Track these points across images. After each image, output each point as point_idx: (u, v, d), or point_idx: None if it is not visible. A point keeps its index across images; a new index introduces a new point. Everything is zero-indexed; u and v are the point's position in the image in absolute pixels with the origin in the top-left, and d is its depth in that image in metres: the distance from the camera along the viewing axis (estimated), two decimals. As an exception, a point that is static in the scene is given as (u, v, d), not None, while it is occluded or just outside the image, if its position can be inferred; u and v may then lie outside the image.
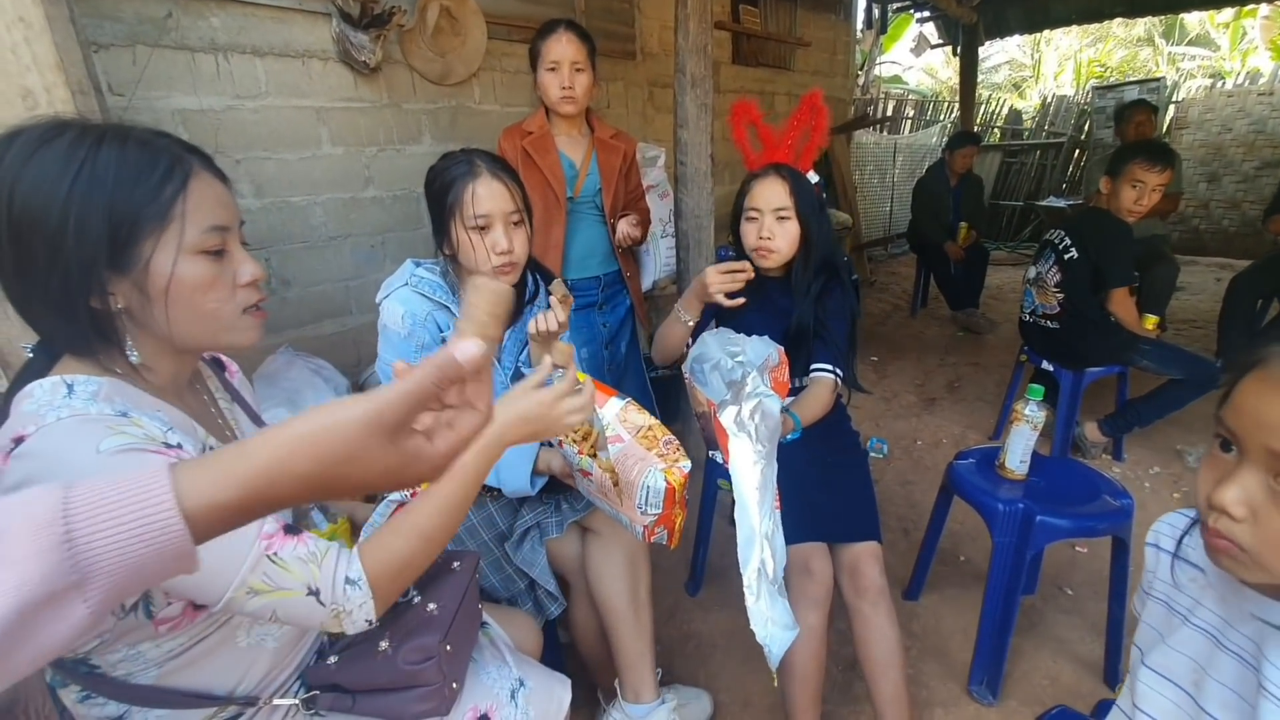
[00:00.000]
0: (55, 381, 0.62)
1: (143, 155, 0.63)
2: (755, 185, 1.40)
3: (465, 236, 1.12)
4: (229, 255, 0.70)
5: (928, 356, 3.73)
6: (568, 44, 1.73)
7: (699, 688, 1.49)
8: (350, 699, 0.81)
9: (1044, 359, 2.45)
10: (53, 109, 1.31)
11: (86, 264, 0.61)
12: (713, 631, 1.73)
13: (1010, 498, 1.43)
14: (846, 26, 5.33)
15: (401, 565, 0.72)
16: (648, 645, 1.24)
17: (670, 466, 0.99)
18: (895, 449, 2.67)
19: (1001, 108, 7.60)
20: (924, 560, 1.79)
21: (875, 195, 5.96)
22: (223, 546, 0.62)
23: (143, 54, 1.66)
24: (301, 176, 2.04)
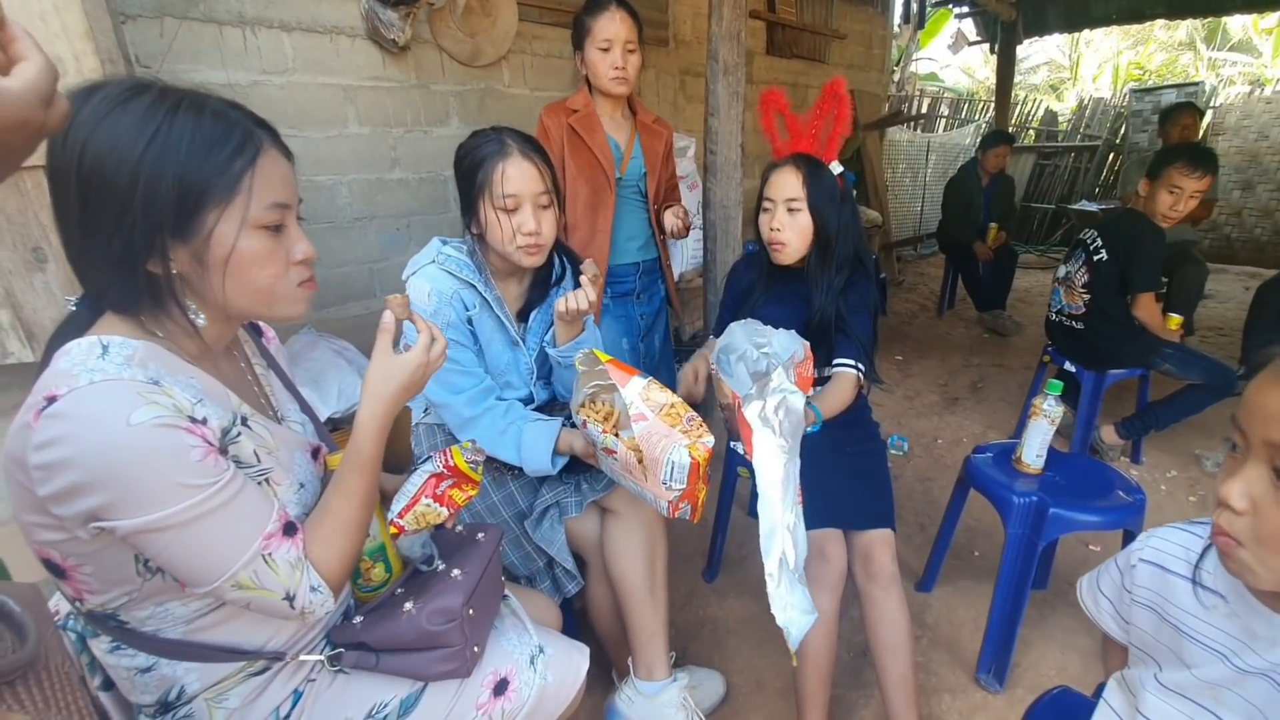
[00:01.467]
0: (92, 341, 0.61)
1: (217, 126, 0.63)
2: (772, 175, 1.37)
3: (493, 216, 1.10)
4: (286, 231, 0.70)
5: (952, 356, 3.68)
6: (621, 22, 1.62)
7: (713, 669, 1.51)
8: (374, 657, 0.82)
9: (1067, 359, 2.44)
10: (81, 78, 1.28)
11: (151, 228, 0.61)
12: (728, 617, 1.74)
13: (1025, 490, 1.44)
14: (884, 20, 5.17)
15: (347, 558, 0.75)
16: (662, 625, 1.24)
17: (694, 442, 0.98)
18: (916, 447, 2.66)
19: (1037, 109, 7.31)
20: (938, 552, 1.78)
21: (906, 194, 5.83)
22: (227, 537, 0.63)
23: (170, 26, 1.63)
24: (328, 156, 2.00)
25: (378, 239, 2.19)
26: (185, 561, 0.62)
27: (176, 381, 0.63)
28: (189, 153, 0.61)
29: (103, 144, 0.59)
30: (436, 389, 1.15)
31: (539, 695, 0.89)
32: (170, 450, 0.59)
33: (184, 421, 0.61)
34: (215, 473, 0.62)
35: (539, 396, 1.28)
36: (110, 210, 0.60)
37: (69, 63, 1.28)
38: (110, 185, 0.59)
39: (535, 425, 1.17)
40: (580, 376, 1.08)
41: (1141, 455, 2.49)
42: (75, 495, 0.57)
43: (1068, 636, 1.63)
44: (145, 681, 0.72)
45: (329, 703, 0.80)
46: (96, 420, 0.56)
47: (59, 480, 0.56)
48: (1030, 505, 1.42)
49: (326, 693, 0.81)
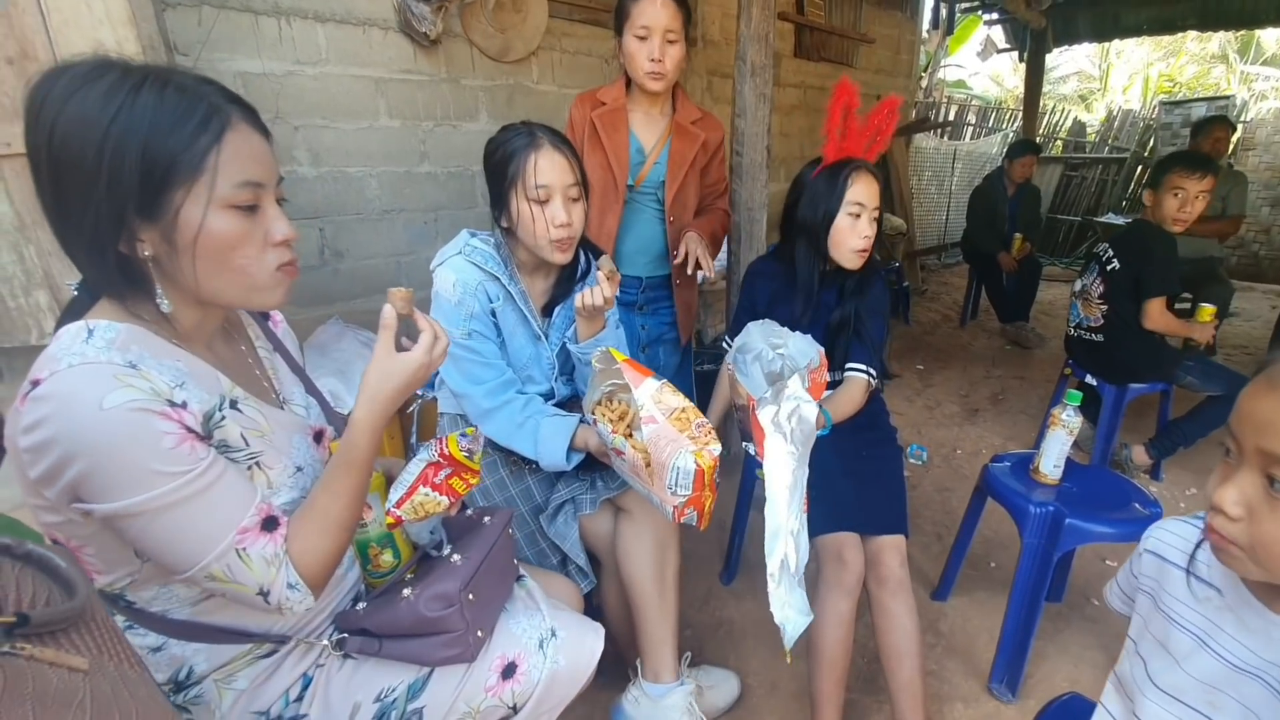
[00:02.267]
0: (79, 326, 0.61)
1: (181, 101, 0.60)
2: (859, 179, 1.30)
3: (525, 208, 1.09)
4: (262, 212, 0.66)
5: (974, 367, 3.62)
6: (662, 8, 1.41)
7: (728, 669, 1.49)
8: (377, 643, 0.81)
9: (1088, 372, 2.40)
10: (121, 63, 1.27)
11: (117, 207, 0.59)
12: (744, 619, 1.73)
13: (1042, 500, 1.43)
14: (912, 25, 5.09)
15: (329, 559, 0.72)
16: (671, 627, 1.22)
17: (701, 449, 0.96)
18: (935, 457, 2.62)
19: (1065, 119, 7.13)
20: (954, 561, 1.76)
21: (932, 202, 5.74)
22: (198, 528, 0.62)
23: (209, 14, 1.64)
24: (358, 147, 2.00)
25: (405, 232, 2.19)
26: (160, 548, 0.62)
27: (159, 365, 0.62)
28: (151, 128, 0.58)
29: (69, 122, 0.57)
30: (458, 378, 1.14)
31: (549, 678, 0.87)
32: (143, 435, 0.58)
33: (160, 405, 0.59)
34: (190, 460, 0.61)
35: (560, 392, 1.27)
36: (78, 189, 0.58)
37: (111, 48, 1.27)
38: (77, 163, 0.58)
39: (552, 420, 1.15)
40: (596, 374, 1.07)
41: (1161, 472, 2.45)
42: (57, 476, 0.57)
43: (1082, 650, 1.60)
44: (156, 660, 0.72)
45: (338, 688, 0.80)
46: (72, 403, 0.56)
47: (44, 462, 0.57)
48: (1046, 515, 1.40)
49: (336, 677, 0.80)
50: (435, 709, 0.82)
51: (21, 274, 1.39)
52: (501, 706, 0.85)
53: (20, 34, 1.23)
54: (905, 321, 4.26)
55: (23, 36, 1.24)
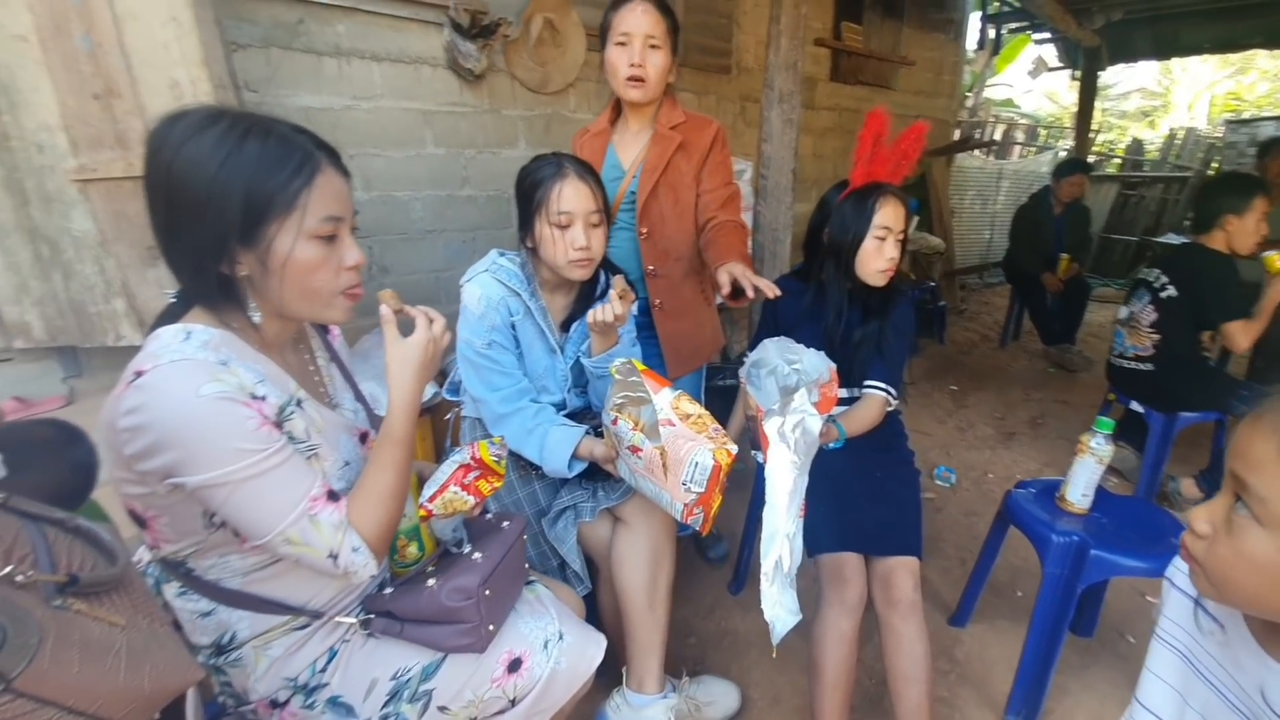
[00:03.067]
0: (179, 328, 0.71)
1: (280, 149, 0.70)
2: (886, 204, 1.32)
3: (548, 232, 1.15)
4: (339, 241, 0.76)
5: (1011, 390, 3.48)
6: (643, 14, 1.32)
7: (730, 681, 1.48)
8: (399, 626, 0.87)
9: (1133, 400, 2.29)
10: (195, 98, 1.43)
11: (220, 236, 0.69)
12: (750, 630, 1.70)
13: (1066, 529, 1.37)
14: (956, 47, 4.99)
15: (385, 525, 0.80)
16: (659, 638, 1.23)
17: (719, 447, 1.00)
18: (964, 480, 2.52)
19: (1122, 137, 6.76)
20: (973, 587, 1.70)
21: (975, 221, 5.59)
22: (276, 497, 0.70)
23: (276, 55, 1.79)
24: (405, 173, 2.12)
25: (445, 250, 2.31)
26: (243, 516, 0.70)
27: (243, 365, 0.72)
28: (254, 172, 0.68)
29: (185, 163, 0.67)
30: (477, 384, 1.21)
31: (549, 678, 0.92)
32: (230, 418, 0.67)
33: (244, 397, 0.69)
34: (267, 441, 0.70)
35: (572, 404, 1.31)
36: (188, 219, 0.68)
37: (185, 86, 1.43)
38: (188, 197, 0.67)
39: (560, 429, 1.20)
40: (615, 384, 1.11)
41: (1208, 507, 2.28)
42: (152, 454, 0.65)
43: (1110, 688, 1.51)
44: (205, 624, 0.80)
45: (360, 662, 0.86)
46: (171, 391, 0.65)
47: (140, 441, 0.65)
48: (1070, 545, 1.34)
49: (358, 653, 0.87)
50: (444, 692, 0.87)
51: (102, 284, 1.55)
52: (503, 699, 0.90)
53: (106, 73, 1.39)
54: (940, 341, 4.13)
55: (108, 75, 1.40)
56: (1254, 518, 0.50)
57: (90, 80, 1.39)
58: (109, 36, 1.37)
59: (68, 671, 0.48)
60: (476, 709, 0.89)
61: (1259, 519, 0.50)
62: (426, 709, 0.87)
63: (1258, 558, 0.50)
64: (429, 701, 0.87)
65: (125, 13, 1.35)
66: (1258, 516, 0.50)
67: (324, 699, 0.84)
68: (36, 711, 0.46)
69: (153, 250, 1.52)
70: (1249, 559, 0.51)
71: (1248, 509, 0.51)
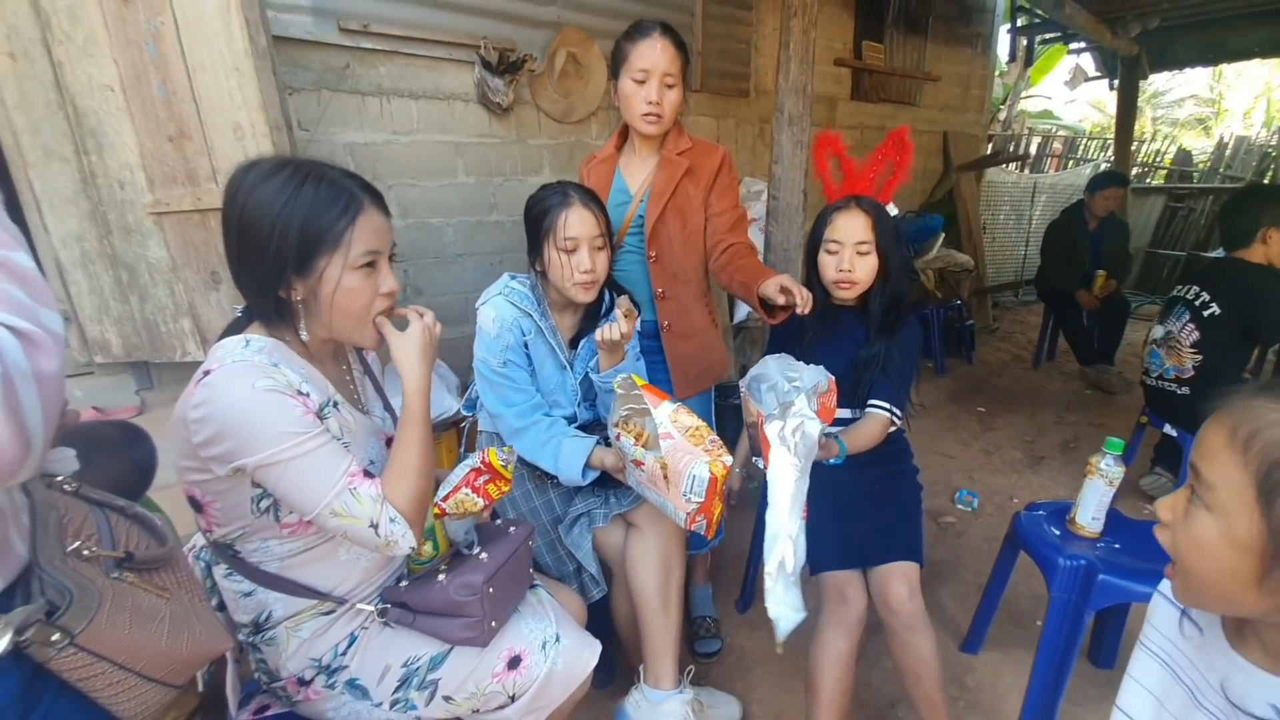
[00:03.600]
0: (239, 338, 0.86)
1: (330, 193, 0.84)
2: (837, 217, 1.36)
3: (556, 256, 1.26)
4: (377, 269, 0.89)
5: (1043, 412, 3.40)
6: (662, 52, 1.35)
7: (732, 695, 1.52)
8: (412, 616, 0.98)
9: (1167, 422, 2.23)
10: (255, 140, 1.61)
11: (280, 266, 0.83)
12: (755, 648, 1.74)
13: (1074, 553, 1.36)
14: (984, 60, 4.99)
15: (415, 497, 0.89)
16: (673, 638, 1.29)
17: (715, 460, 1.07)
18: (988, 504, 2.49)
19: (1168, 147, 6.60)
20: (984, 612, 1.68)
21: (1009, 237, 5.49)
22: (320, 472, 0.83)
23: (325, 97, 1.99)
24: (439, 201, 2.30)
25: (474, 272, 2.47)
26: (294, 491, 0.81)
27: (291, 368, 0.85)
28: (308, 213, 0.82)
29: (254, 205, 0.82)
30: (494, 400, 1.32)
31: (546, 677, 1.00)
32: (280, 407, 0.80)
33: (291, 391, 0.82)
34: (311, 426, 0.82)
35: (582, 416, 1.41)
36: (254, 251, 0.83)
37: (246, 128, 1.62)
38: (255, 233, 0.82)
39: (573, 440, 1.29)
40: (618, 398, 1.20)
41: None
42: (216, 440, 0.78)
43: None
44: (246, 604, 0.93)
45: (376, 648, 0.97)
46: (232, 386, 0.79)
47: (206, 430, 0.78)
48: (1077, 569, 1.33)
49: (375, 640, 0.98)
50: (449, 682, 0.97)
51: (172, 305, 1.75)
52: (502, 694, 0.98)
53: (178, 117, 1.59)
54: (968, 361, 4.09)
55: (180, 119, 1.59)
56: (1204, 505, 0.53)
57: (165, 124, 1.60)
58: (182, 85, 1.57)
59: (120, 632, 0.57)
60: (478, 701, 0.98)
61: (1207, 505, 0.53)
62: (433, 698, 0.96)
63: (1204, 542, 0.53)
64: (435, 691, 0.96)
65: (196, 64, 1.56)
66: (1206, 503, 0.53)
67: (343, 680, 0.95)
68: (93, 665, 0.56)
69: (215, 276, 1.71)
70: (1199, 544, 0.54)
71: (1200, 498, 0.54)
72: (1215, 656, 0.62)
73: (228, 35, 1.51)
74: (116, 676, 0.57)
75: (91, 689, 0.56)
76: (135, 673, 0.59)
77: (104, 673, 0.56)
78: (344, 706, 0.96)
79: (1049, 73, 6.80)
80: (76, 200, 1.65)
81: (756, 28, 3.21)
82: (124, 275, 1.71)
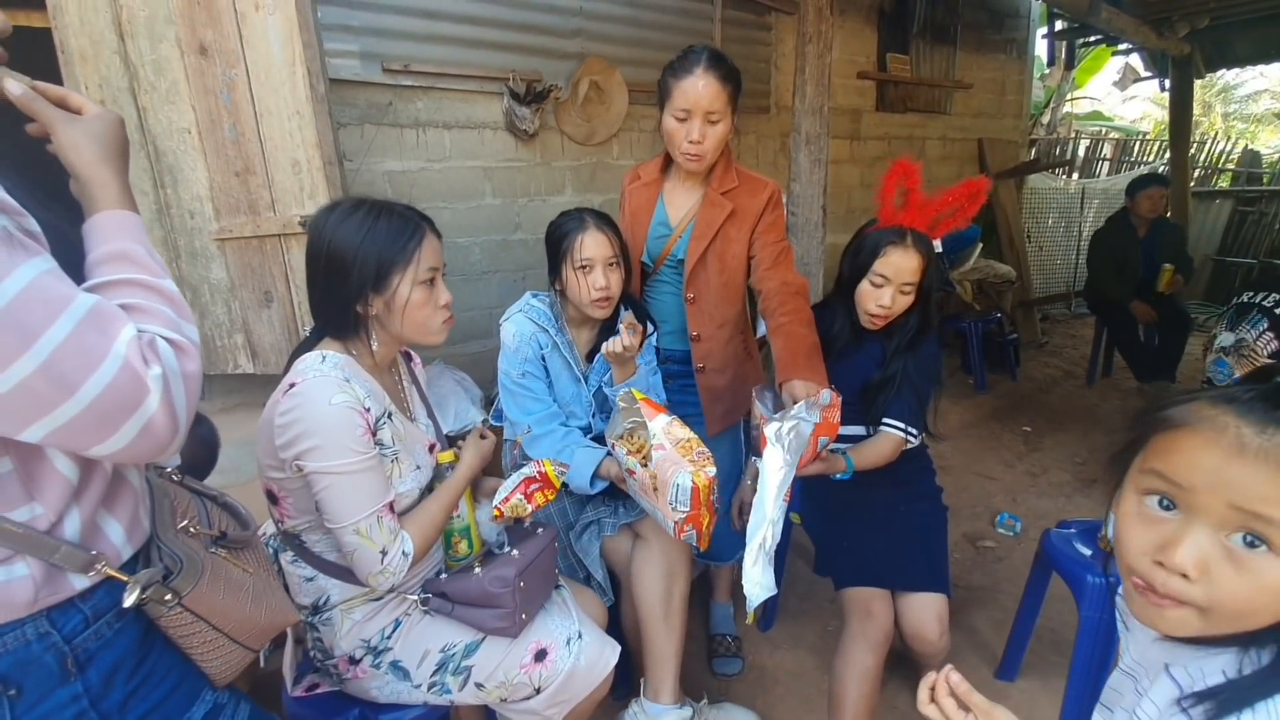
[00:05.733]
0: (316, 354, 1.04)
1: (400, 223, 1.06)
2: (891, 251, 1.39)
3: (573, 276, 1.46)
4: (437, 285, 1.11)
5: (1096, 432, 3.39)
6: (705, 88, 1.38)
7: (751, 711, 1.60)
8: (451, 606, 1.15)
9: None
10: (310, 174, 1.93)
11: (360, 286, 1.04)
12: (778, 667, 1.83)
13: (1103, 570, 1.40)
14: (1020, 65, 5.17)
15: (428, 545, 1.11)
16: (674, 650, 1.40)
17: (698, 470, 1.18)
18: (1032, 529, 2.49)
19: (1233, 147, 6.62)
20: (1018, 637, 1.72)
21: (1057, 246, 5.54)
22: (360, 495, 1.03)
23: (369, 130, 2.32)
24: (467, 222, 2.61)
25: (499, 289, 2.75)
26: (334, 500, 1.00)
27: (358, 382, 1.03)
28: (384, 242, 1.04)
29: (339, 238, 1.03)
30: (514, 409, 1.51)
31: (569, 672, 1.15)
32: (348, 422, 0.99)
33: (359, 406, 1.00)
34: (367, 447, 1.01)
35: (596, 427, 1.58)
36: (339, 277, 1.04)
37: (303, 164, 1.93)
38: (341, 262, 1.03)
39: (584, 450, 1.45)
40: (620, 412, 1.36)
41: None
42: (294, 443, 0.98)
43: None
44: (307, 588, 1.12)
45: (418, 634, 1.15)
46: (313, 398, 0.98)
47: (288, 433, 0.99)
48: (1104, 587, 1.36)
49: (416, 626, 1.16)
50: (481, 670, 1.13)
51: (228, 322, 2.06)
52: (529, 685, 1.13)
53: (245, 156, 1.91)
54: (1012, 377, 4.13)
55: (246, 157, 1.91)
56: (1272, 550, 0.49)
57: (233, 161, 1.93)
58: (250, 127, 1.90)
59: (216, 598, 0.72)
60: (506, 691, 1.12)
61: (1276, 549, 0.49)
62: (466, 683, 1.12)
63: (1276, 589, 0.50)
64: (468, 677, 1.12)
65: (263, 109, 1.89)
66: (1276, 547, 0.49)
67: (388, 661, 1.12)
68: (193, 624, 0.70)
69: (267, 295, 2.03)
70: (1272, 591, 0.50)
71: (1266, 542, 0.49)
72: (1144, 641, 0.65)
73: (292, 83, 1.83)
74: (210, 636, 0.73)
75: (189, 646, 0.72)
76: (225, 634, 0.74)
77: (201, 632, 0.72)
78: (387, 686, 1.13)
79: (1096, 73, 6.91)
80: (152, 228, 1.98)
81: (775, 46, 3.49)
82: (188, 295, 2.03)
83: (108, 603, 0.65)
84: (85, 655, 0.63)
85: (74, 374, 0.54)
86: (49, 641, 0.61)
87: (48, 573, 0.61)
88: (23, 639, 0.60)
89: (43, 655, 0.61)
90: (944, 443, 3.10)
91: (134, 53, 1.85)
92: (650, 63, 3.00)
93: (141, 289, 0.65)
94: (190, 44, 1.82)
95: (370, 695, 1.15)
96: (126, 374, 0.56)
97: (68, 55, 1.88)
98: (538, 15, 2.67)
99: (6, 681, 0.59)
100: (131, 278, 0.65)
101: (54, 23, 1.86)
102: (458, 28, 2.49)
